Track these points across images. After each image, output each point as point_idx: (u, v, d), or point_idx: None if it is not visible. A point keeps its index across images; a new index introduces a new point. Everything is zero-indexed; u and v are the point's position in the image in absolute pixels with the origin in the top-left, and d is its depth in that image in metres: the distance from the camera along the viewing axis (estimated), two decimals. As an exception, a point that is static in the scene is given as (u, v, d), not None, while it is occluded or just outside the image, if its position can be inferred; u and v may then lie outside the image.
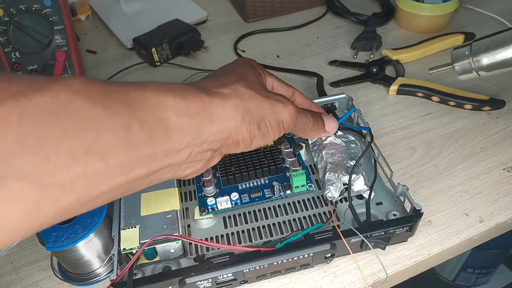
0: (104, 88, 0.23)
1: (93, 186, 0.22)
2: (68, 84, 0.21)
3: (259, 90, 0.31)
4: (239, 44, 0.66)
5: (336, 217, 0.38)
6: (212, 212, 0.38)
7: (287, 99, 0.32)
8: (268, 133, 0.31)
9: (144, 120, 0.23)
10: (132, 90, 0.24)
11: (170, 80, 0.59)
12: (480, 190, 0.43)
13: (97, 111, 0.22)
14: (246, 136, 0.29)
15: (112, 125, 0.22)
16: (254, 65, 0.35)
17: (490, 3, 0.70)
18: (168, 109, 0.25)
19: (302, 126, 0.34)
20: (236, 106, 0.28)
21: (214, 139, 0.28)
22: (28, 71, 0.55)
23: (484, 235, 0.40)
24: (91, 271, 0.37)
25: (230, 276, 0.33)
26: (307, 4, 0.73)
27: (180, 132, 0.25)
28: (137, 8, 0.74)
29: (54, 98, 0.20)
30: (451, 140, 0.48)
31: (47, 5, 0.53)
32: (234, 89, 0.29)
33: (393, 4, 0.69)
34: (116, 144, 0.22)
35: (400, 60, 0.59)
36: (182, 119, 0.25)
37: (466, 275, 1.05)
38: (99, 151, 0.21)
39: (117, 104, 0.23)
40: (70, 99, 0.21)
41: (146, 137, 0.23)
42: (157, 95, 0.25)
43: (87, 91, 0.22)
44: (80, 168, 0.21)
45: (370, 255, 0.37)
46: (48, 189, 0.20)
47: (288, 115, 0.32)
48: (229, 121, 0.28)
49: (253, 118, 0.29)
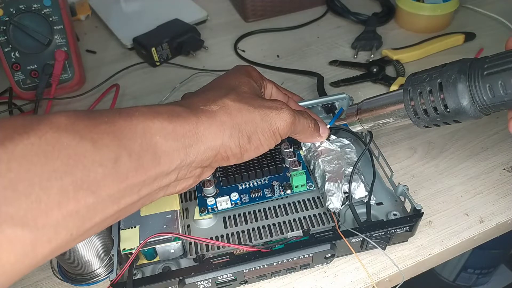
0: (91, 121, 0.23)
1: (86, 219, 0.22)
2: (54, 122, 0.22)
3: (250, 100, 0.30)
4: (239, 44, 0.66)
5: (336, 218, 0.37)
6: (212, 212, 0.38)
7: (283, 104, 0.32)
8: (261, 145, 0.30)
9: (132, 149, 0.24)
10: (119, 120, 0.24)
11: (170, 80, 0.59)
12: (480, 190, 0.42)
13: (85, 147, 0.22)
14: (236, 151, 0.29)
15: (101, 158, 0.22)
16: (250, 72, 0.35)
17: (491, 3, 0.70)
18: (155, 134, 0.25)
19: (303, 128, 0.34)
20: (223, 124, 0.28)
21: (203, 158, 0.28)
22: (28, 70, 0.55)
23: (484, 235, 0.40)
24: (91, 271, 0.37)
25: (230, 276, 0.33)
26: (307, 4, 0.73)
27: (168, 156, 0.25)
28: (137, 8, 0.74)
29: (41, 139, 0.21)
30: (452, 140, 0.48)
31: (47, 5, 0.53)
32: (221, 105, 0.29)
33: (394, 4, 0.69)
34: (106, 176, 0.22)
35: (401, 60, 0.59)
36: (169, 143, 0.25)
37: (467, 275, 1.05)
38: (90, 185, 0.21)
39: (104, 136, 0.23)
40: (57, 138, 0.21)
41: (134, 166, 0.24)
42: (143, 120, 0.25)
43: (73, 126, 0.22)
44: (72, 205, 0.21)
45: (371, 255, 0.37)
46: (42, 230, 0.20)
47: (283, 123, 0.31)
48: (216, 139, 0.28)
49: (242, 132, 0.29)
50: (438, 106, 0.30)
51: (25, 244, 0.20)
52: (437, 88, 0.29)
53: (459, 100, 0.28)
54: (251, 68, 0.36)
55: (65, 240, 0.21)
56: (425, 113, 0.31)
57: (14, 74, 0.55)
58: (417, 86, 0.31)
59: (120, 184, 0.23)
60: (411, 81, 0.32)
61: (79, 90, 0.59)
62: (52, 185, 0.20)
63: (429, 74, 0.30)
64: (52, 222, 0.20)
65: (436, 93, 0.29)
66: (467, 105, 0.28)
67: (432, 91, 0.30)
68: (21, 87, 0.56)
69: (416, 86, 0.31)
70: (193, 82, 0.59)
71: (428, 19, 0.64)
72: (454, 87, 0.28)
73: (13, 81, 0.55)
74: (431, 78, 0.30)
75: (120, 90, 0.57)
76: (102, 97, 0.56)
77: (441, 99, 0.29)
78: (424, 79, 0.31)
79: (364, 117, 0.36)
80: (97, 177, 0.22)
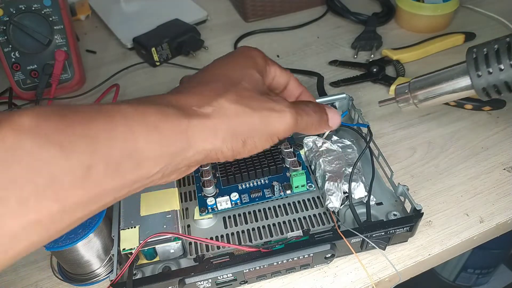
0: (62, 121, 0.20)
1: (50, 227, 0.20)
2: (16, 124, 0.19)
3: (250, 101, 0.28)
4: (239, 44, 0.66)
5: (336, 218, 0.37)
6: (212, 212, 0.38)
7: (286, 104, 0.29)
8: (255, 148, 0.28)
9: (109, 156, 0.21)
10: (98, 121, 0.21)
11: (170, 80, 0.59)
12: (480, 190, 0.42)
13: (51, 152, 0.19)
14: (228, 154, 0.27)
15: (70, 165, 0.20)
16: (255, 57, 0.32)
17: (491, 3, 0.70)
18: (139, 139, 0.22)
19: (305, 127, 0.31)
20: (216, 127, 0.26)
21: (190, 161, 0.26)
22: (28, 70, 0.55)
23: (484, 235, 0.40)
24: (91, 271, 0.37)
25: (230, 276, 0.33)
26: (307, 4, 0.73)
27: (151, 161, 0.23)
28: (137, 8, 0.74)
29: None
30: (452, 140, 0.48)
31: (47, 5, 0.53)
32: (217, 107, 0.26)
33: (393, 4, 0.69)
34: (75, 184, 0.20)
35: (401, 60, 0.59)
36: (154, 149, 0.23)
37: (467, 275, 1.05)
38: (54, 193, 0.19)
39: (77, 140, 0.20)
40: (18, 142, 0.19)
41: (111, 172, 0.21)
42: (126, 123, 0.22)
43: (38, 129, 0.19)
44: (33, 215, 0.19)
45: (371, 255, 0.37)
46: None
47: (283, 126, 0.28)
48: (207, 144, 0.26)
49: (237, 136, 0.27)
50: (505, 62, 0.30)
51: None
52: (504, 45, 0.30)
53: None
54: (256, 53, 0.32)
55: (26, 248, 0.20)
56: (488, 71, 0.30)
57: (14, 74, 0.55)
58: (481, 46, 0.31)
59: (91, 191, 0.21)
60: (473, 48, 0.32)
61: (79, 90, 0.59)
62: (9, 195, 0.18)
63: (491, 41, 0.31)
64: (7, 233, 0.18)
65: (504, 49, 0.30)
66: None
67: (499, 50, 0.30)
68: (21, 87, 0.56)
69: (480, 47, 0.31)
70: (193, 82, 0.59)
71: (428, 19, 0.64)
72: None
73: (13, 81, 0.55)
74: (496, 41, 0.31)
75: (120, 90, 0.57)
76: (102, 97, 0.56)
77: (509, 56, 0.29)
78: (487, 43, 0.31)
79: (418, 94, 0.37)
80: (63, 186, 0.20)
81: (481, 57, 0.31)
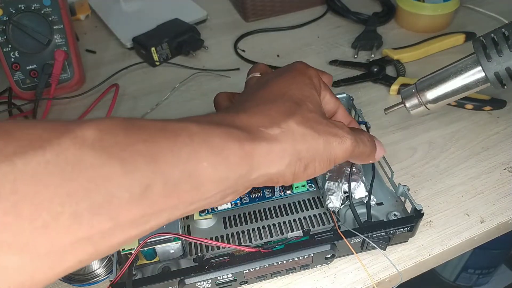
0: (127, 137, 0.20)
1: (98, 245, 0.19)
2: (78, 136, 0.18)
3: (316, 124, 0.27)
4: (239, 44, 0.66)
5: (336, 218, 0.37)
6: (212, 212, 0.38)
7: (347, 130, 0.28)
8: (315, 173, 0.27)
9: (170, 176, 0.20)
10: (161, 139, 0.21)
11: (170, 80, 0.59)
12: (481, 190, 0.42)
13: (112, 169, 0.19)
14: (289, 179, 0.26)
15: (129, 183, 0.19)
16: (312, 77, 0.30)
17: (491, 2, 0.70)
18: (203, 160, 0.21)
19: (359, 155, 0.30)
20: (283, 151, 0.25)
21: (251, 184, 0.25)
22: (27, 70, 0.55)
23: (485, 235, 0.40)
24: (91, 272, 0.36)
25: (230, 276, 0.33)
26: (307, 4, 0.73)
27: (212, 183, 0.22)
28: (137, 8, 0.74)
29: (59, 156, 0.18)
30: (452, 140, 0.48)
31: (47, 4, 0.53)
32: (285, 129, 0.25)
33: (394, 4, 0.69)
34: (130, 202, 0.19)
35: (401, 60, 0.59)
36: (218, 172, 0.22)
37: (467, 275, 1.05)
38: (109, 211, 0.19)
39: (139, 157, 0.19)
40: (79, 156, 0.18)
41: (168, 192, 0.20)
42: (191, 144, 0.21)
43: (101, 143, 0.19)
44: (84, 231, 0.18)
45: (371, 255, 0.37)
46: (45, 258, 0.18)
47: (343, 152, 0.27)
48: (272, 167, 0.24)
49: (301, 160, 0.26)
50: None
51: (22, 274, 0.17)
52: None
53: None
54: (314, 73, 0.31)
55: (72, 266, 0.19)
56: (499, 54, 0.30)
57: (13, 74, 0.55)
58: (488, 33, 0.31)
59: (146, 210, 0.20)
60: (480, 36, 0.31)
61: (79, 90, 0.59)
62: (64, 210, 0.17)
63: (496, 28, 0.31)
64: (57, 249, 0.18)
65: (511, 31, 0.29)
66: None
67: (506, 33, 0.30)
68: (21, 87, 0.56)
69: (487, 34, 0.31)
70: (193, 82, 0.59)
71: (428, 19, 0.64)
72: None
73: (13, 81, 0.55)
74: (502, 26, 0.30)
75: (119, 90, 0.56)
76: (102, 97, 0.56)
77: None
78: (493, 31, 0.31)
79: (427, 94, 0.34)
80: (120, 203, 0.19)
81: (489, 42, 0.30)
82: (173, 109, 0.55)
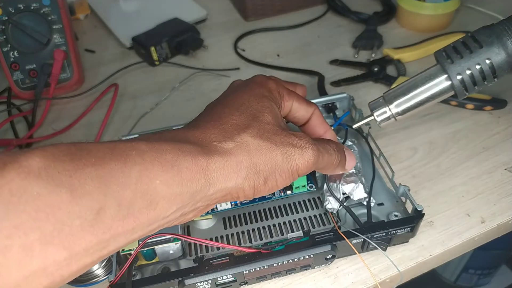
0: (73, 162, 0.19)
1: (54, 276, 0.19)
2: (23, 166, 0.18)
3: (273, 136, 0.27)
4: (239, 43, 0.66)
5: (336, 219, 0.37)
6: (212, 212, 0.38)
7: (307, 140, 0.28)
8: (276, 186, 0.27)
9: (122, 197, 0.20)
10: (110, 161, 0.20)
11: (170, 80, 0.59)
12: (482, 190, 0.42)
13: (60, 196, 0.18)
14: (249, 193, 0.26)
15: (79, 209, 0.18)
16: (272, 89, 0.30)
17: (492, 2, 0.69)
18: (155, 179, 0.21)
19: (325, 166, 0.30)
20: (239, 164, 0.25)
21: (210, 200, 0.25)
22: (27, 70, 0.55)
23: (485, 235, 0.40)
24: (90, 272, 0.36)
25: (230, 277, 0.33)
26: (307, 3, 0.72)
27: (167, 201, 0.22)
28: (136, 7, 0.74)
29: (3, 188, 0.17)
30: (453, 140, 0.48)
31: (46, 4, 0.53)
32: (240, 142, 0.25)
33: (394, 3, 0.69)
34: (83, 229, 0.19)
35: (402, 59, 0.58)
36: (171, 189, 0.22)
37: (468, 275, 1.04)
38: (62, 240, 0.18)
39: (88, 181, 0.19)
40: (25, 186, 0.18)
41: (123, 215, 0.20)
42: (141, 162, 0.21)
43: (48, 171, 0.18)
44: (37, 263, 0.18)
45: (371, 256, 0.37)
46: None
47: (304, 163, 0.27)
48: (228, 182, 0.24)
49: (260, 173, 0.25)
50: (473, 46, 0.31)
51: None
52: (469, 36, 0.31)
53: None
54: (274, 85, 0.31)
55: None
56: (460, 56, 0.31)
57: (12, 73, 0.55)
58: (448, 45, 0.32)
59: (101, 236, 0.19)
60: (440, 49, 0.33)
61: (78, 90, 0.59)
62: (12, 243, 0.17)
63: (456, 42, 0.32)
64: (9, 284, 0.17)
65: (469, 39, 0.31)
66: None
67: (465, 40, 0.32)
68: (20, 86, 0.56)
69: (447, 45, 0.32)
70: (192, 82, 0.59)
71: (429, 18, 0.63)
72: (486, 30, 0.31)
73: (12, 80, 0.55)
74: (462, 38, 0.32)
75: (119, 89, 0.56)
76: (101, 96, 0.56)
77: (476, 43, 0.31)
78: (452, 42, 0.33)
79: (396, 104, 0.35)
80: (71, 231, 0.18)
81: (449, 49, 0.32)
82: (173, 109, 0.55)
